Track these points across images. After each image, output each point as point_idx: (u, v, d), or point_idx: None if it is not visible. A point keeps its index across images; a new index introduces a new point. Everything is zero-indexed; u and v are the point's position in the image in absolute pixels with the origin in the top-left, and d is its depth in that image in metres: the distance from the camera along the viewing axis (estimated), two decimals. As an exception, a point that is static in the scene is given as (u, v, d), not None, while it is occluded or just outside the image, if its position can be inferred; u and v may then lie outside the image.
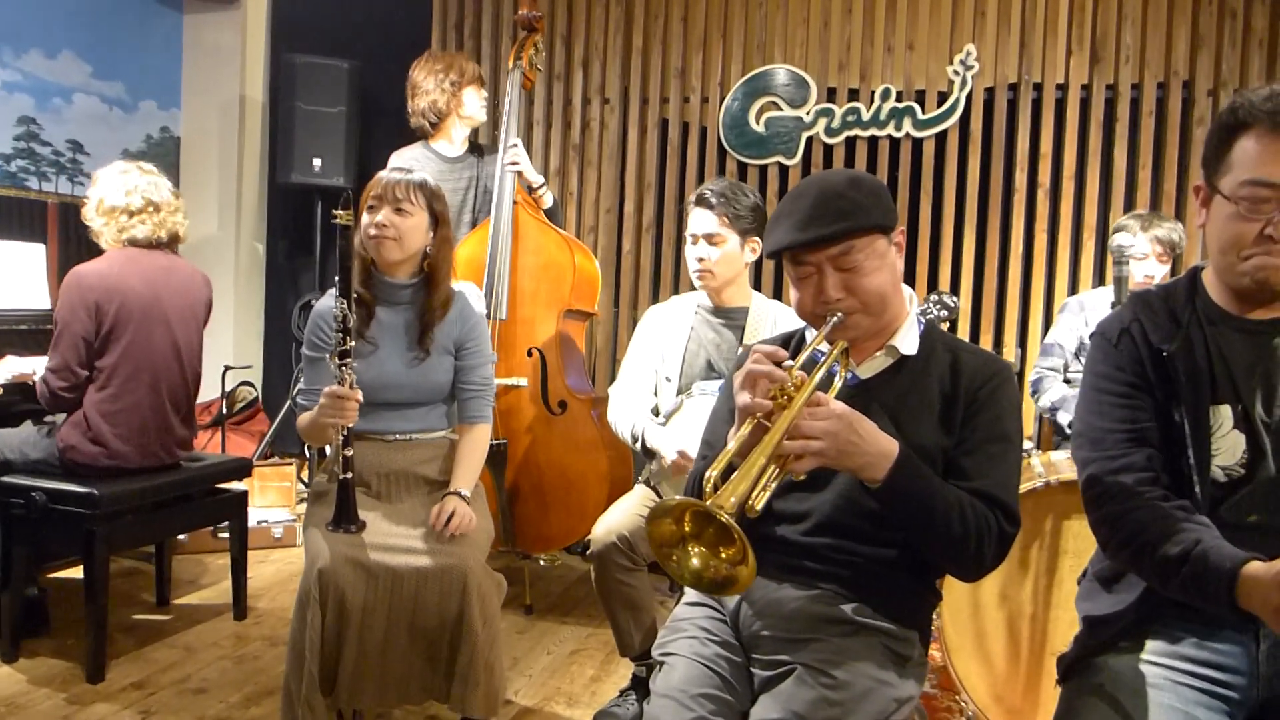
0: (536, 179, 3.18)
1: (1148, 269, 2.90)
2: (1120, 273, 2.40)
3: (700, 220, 2.34)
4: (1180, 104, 3.69)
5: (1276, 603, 1.07)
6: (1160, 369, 1.32)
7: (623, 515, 2.26)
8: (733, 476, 1.14)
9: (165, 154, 4.65)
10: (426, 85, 3.19)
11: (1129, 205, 3.71)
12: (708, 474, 1.17)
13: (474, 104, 3.25)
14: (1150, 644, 1.31)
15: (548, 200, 3.22)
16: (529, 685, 2.54)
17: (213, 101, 4.71)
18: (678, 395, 2.40)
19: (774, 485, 1.18)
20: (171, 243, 2.66)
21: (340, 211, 1.87)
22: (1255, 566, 1.12)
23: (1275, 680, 1.25)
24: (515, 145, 3.12)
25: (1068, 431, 2.84)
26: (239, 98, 4.70)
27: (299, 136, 4.21)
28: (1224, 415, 1.29)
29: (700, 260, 2.35)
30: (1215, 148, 1.28)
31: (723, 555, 1.16)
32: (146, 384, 2.57)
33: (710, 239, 2.33)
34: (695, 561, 1.17)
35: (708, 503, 1.11)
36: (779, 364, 1.27)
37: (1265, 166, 1.21)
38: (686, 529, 1.16)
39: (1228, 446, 1.29)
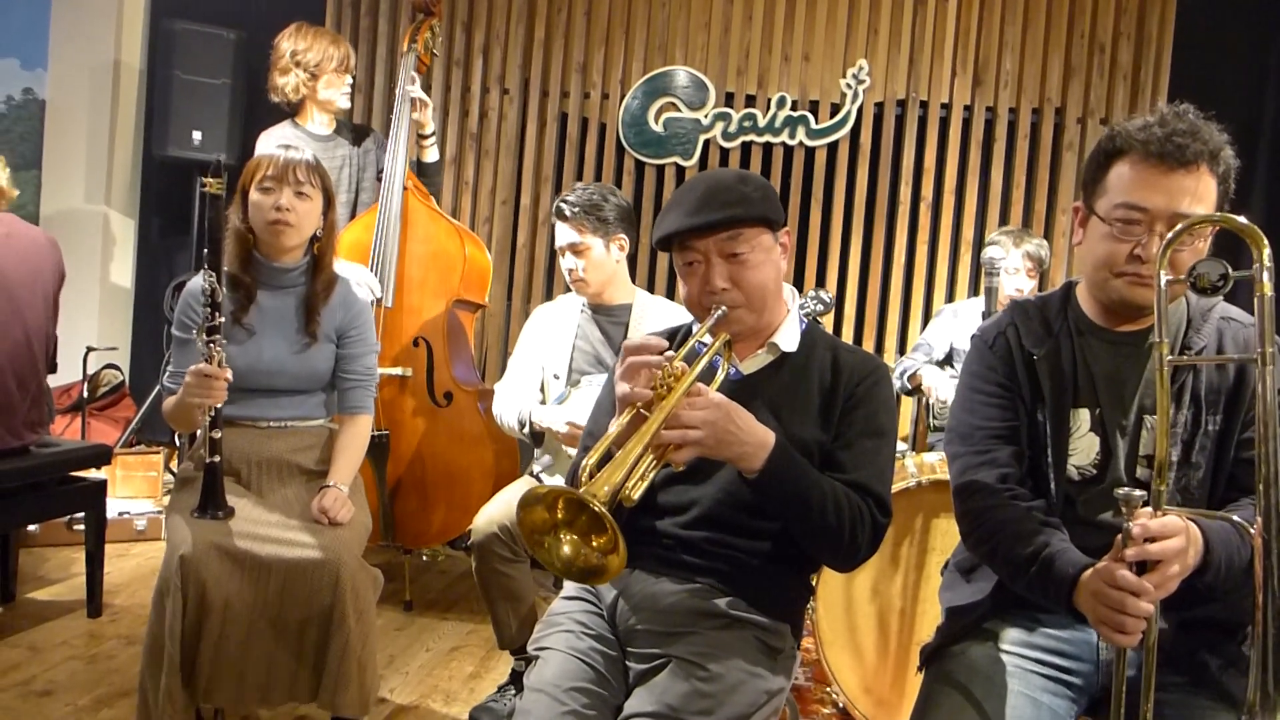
0: (430, 125, 3.11)
1: (1018, 283, 3.04)
2: (991, 284, 2.52)
3: (561, 233, 2.39)
4: (1052, 129, 3.91)
5: (1095, 596, 1.16)
6: (1030, 372, 1.40)
7: (504, 506, 2.24)
8: (607, 465, 1.13)
9: (28, 117, 4.32)
10: (284, 64, 3.03)
11: (1003, 222, 3.91)
12: (584, 462, 1.16)
13: (333, 92, 3.09)
14: (1007, 633, 1.38)
15: (432, 154, 3.14)
16: (405, 683, 2.47)
17: (83, 64, 4.40)
18: (566, 387, 2.40)
19: (652, 475, 1.18)
20: None
21: (211, 180, 1.78)
22: (1088, 573, 1.20)
23: (1114, 667, 1.33)
24: (414, 81, 3.01)
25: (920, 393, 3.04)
26: (113, 62, 4.40)
27: (178, 108, 3.98)
28: (1083, 418, 1.38)
29: (570, 271, 2.40)
30: (1093, 171, 1.36)
31: (594, 544, 1.15)
32: (-17, 359, 2.38)
33: (574, 250, 2.37)
34: (566, 549, 1.16)
35: (580, 490, 1.10)
36: (660, 353, 1.28)
37: (1137, 191, 1.28)
38: (559, 516, 1.15)
39: (1084, 447, 1.37)
